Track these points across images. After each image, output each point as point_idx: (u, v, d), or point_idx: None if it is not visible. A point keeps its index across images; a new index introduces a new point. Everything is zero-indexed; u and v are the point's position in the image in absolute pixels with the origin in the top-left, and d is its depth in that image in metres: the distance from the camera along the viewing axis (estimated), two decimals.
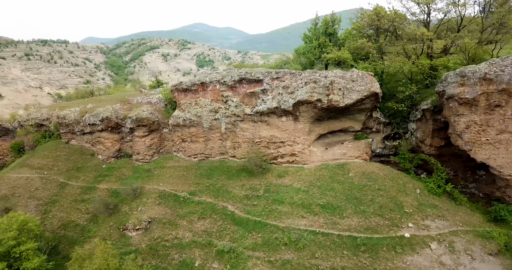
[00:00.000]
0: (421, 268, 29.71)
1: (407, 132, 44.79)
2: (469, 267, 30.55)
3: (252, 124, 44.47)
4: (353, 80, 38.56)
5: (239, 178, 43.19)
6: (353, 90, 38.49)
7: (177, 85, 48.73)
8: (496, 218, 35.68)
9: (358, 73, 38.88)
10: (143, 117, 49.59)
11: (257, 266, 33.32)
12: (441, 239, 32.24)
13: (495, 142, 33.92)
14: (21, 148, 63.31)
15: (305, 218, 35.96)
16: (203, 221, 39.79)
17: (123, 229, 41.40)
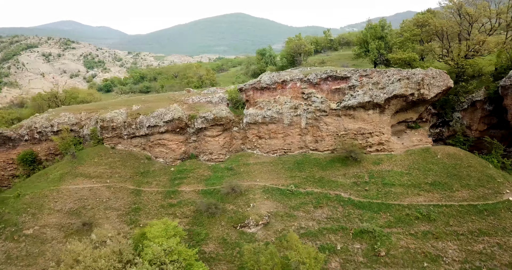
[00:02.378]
0: None
1: (452, 120, 53.94)
2: None
3: (335, 118, 48.37)
4: (434, 77, 45.62)
5: (336, 169, 46.71)
6: (434, 85, 45.54)
7: (254, 84, 49.72)
8: None
9: (436, 71, 46.11)
10: (222, 116, 49.23)
11: (401, 240, 37.91)
12: None
13: None
14: (33, 159, 55.65)
15: (421, 196, 41.69)
16: (321, 209, 42.46)
17: (241, 227, 41.45)
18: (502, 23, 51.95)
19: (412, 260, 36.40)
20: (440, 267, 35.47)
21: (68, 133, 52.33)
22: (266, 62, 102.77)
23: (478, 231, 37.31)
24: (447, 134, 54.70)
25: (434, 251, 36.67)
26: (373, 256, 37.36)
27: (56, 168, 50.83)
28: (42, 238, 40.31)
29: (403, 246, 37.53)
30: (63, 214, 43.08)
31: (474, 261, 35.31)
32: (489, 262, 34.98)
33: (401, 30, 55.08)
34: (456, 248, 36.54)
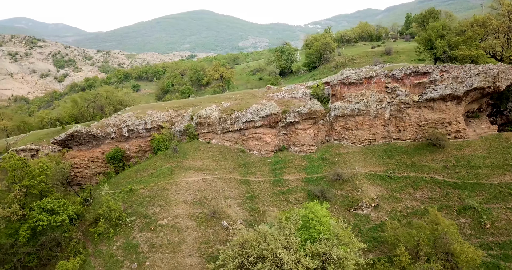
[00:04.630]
0: None
1: (506, 109, 60.57)
2: None
3: (416, 110, 53.81)
4: (504, 71, 51.84)
5: (423, 155, 52.17)
6: (505, 78, 51.79)
7: (343, 79, 54.39)
8: None
9: (505, 66, 52.35)
10: (316, 110, 53.62)
11: (501, 214, 44.07)
12: None
13: None
14: (121, 157, 58.11)
15: (507, 175, 47.88)
16: (421, 191, 47.96)
17: (355, 209, 46.32)
18: None
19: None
20: None
21: (168, 130, 55.19)
22: (286, 59, 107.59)
23: None
24: (500, 122, 61.30)
25: None
26: (479, 228, 43.27)
27: (157, 163, 53.69)
28: (178, 227, 43.56)
29: (505, 218, 43.61)
30: (188, 204, 46.40)
31: None
32: None
33: (456, 29, 61.35)
34: None
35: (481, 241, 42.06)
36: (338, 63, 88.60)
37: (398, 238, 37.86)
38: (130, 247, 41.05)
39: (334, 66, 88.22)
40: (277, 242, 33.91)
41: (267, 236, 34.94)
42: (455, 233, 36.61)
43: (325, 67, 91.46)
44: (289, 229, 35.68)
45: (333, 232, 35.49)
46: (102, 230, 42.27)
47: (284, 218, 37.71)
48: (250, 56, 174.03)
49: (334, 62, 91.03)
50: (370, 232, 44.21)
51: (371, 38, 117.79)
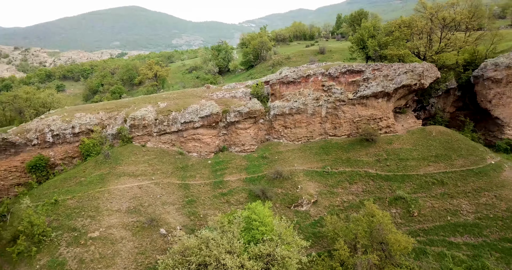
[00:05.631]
0: (509, 176, 50.32)
1: (428, 105, 65.70)
2: None
3: (351, 107, 56.09)
4: (427, 70, 55.99)
5: (357, 150, 54.53)
6: (429, 76, 55.97)
7: (282, 78, 54.71)
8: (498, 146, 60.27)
9: (428, 65, 56.52)
10: (256, 109, 53.32)
11: (427, 202, 47.44)
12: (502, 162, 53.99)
13: (505, 104, 58.16)
14: (45, 165, 53.21)
15: (430, 166, 51.72)
16: (356, 185, 50.07)
17: (295, 206, 46.97)
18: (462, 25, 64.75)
19: (438, 216, 46.08)
20: (460, 218, 45.72)
21: (99, 134, 51.26)
22: (223, 58, 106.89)
23: (479, 188, 48.46)
24: (423, 116, 66.42)
25: (453, 207, 46.86)
26: (408, 217, 46.24)
27: (86, 170, 49.78)
28: (111, 239, 40.66)
29: (429, 206, 47.08)
30: (122, 213, 43.55)
31: (482, 211, 46.22)
32: (492, 210, 46.15)
33: (385, 30, 65.18)
34: (467, 203, 47.19)
35: (410, 229, 45.00)
36: (275, 62, 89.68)
37: (337, 232, 39.01)
38: (56, 265, 37.34)
39: (271, 65, 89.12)
40: (220, 247, 32.98)
41: (209, 242, 33.86)
42: (389, 223, 38.56)
43: (262, 66, 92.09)
44: (232, 233, 34.97)
45: (276, 232, 35.47)
46: (23, 249, 37.82)
47: (227, 221, 36.90)
48: (185, 54, 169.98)
49: (271, 61, 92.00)
50: (310, 228, 45.14)
51: (305, 37, 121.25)
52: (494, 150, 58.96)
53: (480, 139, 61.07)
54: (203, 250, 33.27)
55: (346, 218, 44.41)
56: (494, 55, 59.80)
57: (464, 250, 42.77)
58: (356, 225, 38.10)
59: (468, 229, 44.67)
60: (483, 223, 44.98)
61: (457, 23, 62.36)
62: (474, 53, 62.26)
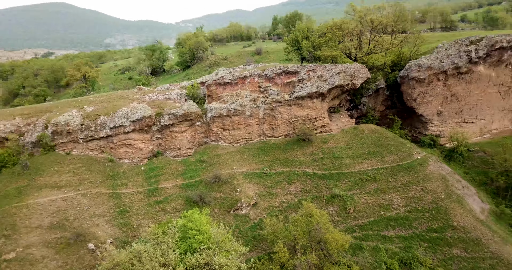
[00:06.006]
0: (433, 170, 53.94)
1: (360, 104, 68.47)
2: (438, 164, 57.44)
3: (287, 108, 56.41)
4: (358, 70, 58.14)
5: (295, 150, 54.92)
6: (360, 77, 58.14)
7: (218, 79, 53.26)
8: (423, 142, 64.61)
9: (359, 65, 58.72)
10: (192, 111, 51.26)
11: (361, 198, 49.09)
12: (427, 156, 57.69)
13: (428, 102, 62.40)
14: None
15: (364, 163, 53.68)
16: (294, 185, 50.36)
17: (234, 210, 45.94)
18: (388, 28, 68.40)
19: (372, 211, 47.89)
20: (392, 212, 47.93)
21: (15, 142, 45.79)
22: (158, 58, 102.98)
23: (408, 182, 51.25)
24: (356, 115, 69.12)
25: (385, 202, 48.99)
26: (345, 214, 47.47)
27: (1, 183, 44.30)
28: (30, 259, 36.46)
29: (364, 202, 48.76)
30: (44, 230, 39.29)
31: (411, 204, 48.89)
32: (419, 202, 49.01)
33: (318, 31, 66.82)
34: (398, 197, 49.64)
35: (347, 226, 46.21)
36: (212, 63, 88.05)
37: (277, 234, 38.65)
38: None
39: (208, 65, 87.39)
40: (153, 261, 30.94)
41: (141, 255, 31.59)
42: (326, 223, 39.05)
43: (199, 66, 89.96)
44: (167, 244, 33.00)
45: (214, 239, 34.12)
46: None
47: (161, 231, 34.74)
48: (118, 54, 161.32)
49: (208, 61, 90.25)
50: (250, 231, 44.40)
51: (242, 38, 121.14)
52: (419, 145, 62.96)
53: (408, 136, 64.92)
54: (135, 265, 30.99)
55: (286, 219, 44.37)
56: (417, 57, 63.82)
57: (397, 242, 44.83)
58: (295, 226, 38.04)
59: (399, 222, 46.94)
60: (412, 216, 47.56)
61: (384, 26, 65.71)
62: (399, 54, 66.01)
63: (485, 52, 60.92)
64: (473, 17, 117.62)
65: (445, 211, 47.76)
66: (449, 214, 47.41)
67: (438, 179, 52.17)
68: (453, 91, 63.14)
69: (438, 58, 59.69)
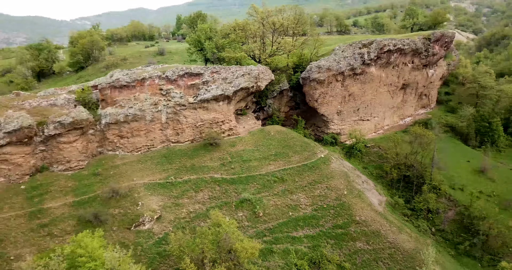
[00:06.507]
0: (336, 168, 56.31)
1: (266, 105, 68.83)
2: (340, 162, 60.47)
3: (192, 111, 53.69)
4: (263, 72, 58.00)
5: (202, 155, 52.44)
6: (264, 79, 58.05)
7: (113, 82, 48.02)
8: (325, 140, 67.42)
9: (263, 67, 58.60)
10: (83, 118, 45.24)
11: (270, 200, 48.86)
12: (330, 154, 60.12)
13: (328, 102, 65.24)
14: None
15: (271, 165, 53.58)
16: (202, 192, 47.98)
17: (136, 226, 41.80)
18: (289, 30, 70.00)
19: (281, 213, 47.90)
20: (299, 212, 48.52)
21: None
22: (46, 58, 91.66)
23: (313, 181, 52.56)
24: (263, 116, 69.43)
25: (293, 202, 49.44)
26: (255, 218, 46.62)
27: None
28: None
29: (273, 204, 48.54)
30: None
31: (317, 202, 50.15)
32: (325, 200, 50.54)
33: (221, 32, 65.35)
34: (305, 196, 50.53)
35: (257, 230, 45.37)
36: (110, 64, 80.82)
37: (183, 249, 35.71)
38: None
39: (105, 66, 79.97)
40: None
41: None
42: (235, 231, 37.42)
43: (95, 67, 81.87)
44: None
45: (109, 265, 29.99)
46: None
47: (42, 263, 29.39)
48: None
49: (105, 62, 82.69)
50: (154, 247, 40.70)
51: (145, 37, 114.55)
52: (322, 144, 65.61)
53: (311, 135, 67.24)
54: None
55: (194, 230, 41.67)
56: (317, 58, 66.36)
57: (305, 242, 45.34)
58: (202, 238, 35.64)
59: (307, 221, 47.65)
60: (319, 214, 48.74)
61: (285, 28, 67.02)
62: (301, 56, 67.97)
63: (375, 54, 65.83)
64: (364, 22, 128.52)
65: (348, 207, 49.98)
66: (351, 209, 49.69)
67: (340, 176, 54.54)
68: (350, 91, 67.11)
69: (336, 60, 62.69)
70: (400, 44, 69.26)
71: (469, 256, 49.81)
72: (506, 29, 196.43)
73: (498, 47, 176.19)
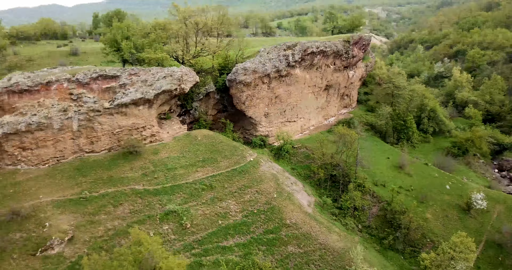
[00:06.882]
0: (265, 171, 55.57)
1: (192, 108, 65.93)
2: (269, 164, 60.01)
3: (109, 117, 48.91)
4: (186, 74, 55.10)
5: (121, 165, 47.95)
6: (188, 81, 55.19)
7: (11, 86, 41.46)
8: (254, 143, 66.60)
9: (187, 69, 55.67)
10: None
11: (198, 210, 46.38)
12: (259, 157, 59.19)
13: (256, 104, 64.45)
14: None
15: (199, 172, 50.99)
16: (122, 206, 43.77)
17: (42, 251, 36.51)
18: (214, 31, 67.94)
19: (210, 222, 45.66)
20: (229, 219, 46.73)
21: None
22: None
23: (243, 186, 51.15)
24: (189, 120, 66.44)
25: (222, 210, 47.48)
26: (182, 230, 43.75)
27: None
28: None
29: (201, 214, 46.09)
30: None
31: (247, 208, 48.81)
32: (255, 205, 49.43)
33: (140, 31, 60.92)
34: (235, 203, 48.87)
35: (185, 243, 42.56)
36: (13, 65, 70.99)
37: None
38: None
39: (7, 68, 69.95)
40: None
41: None
42: (159, 248, 34.26)
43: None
44: None
45: None
46: None
47: None
48: None
49: (7, 63, 72.46)
50: None
51: (57, 36, 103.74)
52: (251, 146, 64.70)
53: (240, 138, 65.95)
54: None
55: (111, 250, 37.57)
56: (243, 60, 65.19)
57: (236, 251, 43.64)
58: (121, 260, 31.94)
59: (237, 229, 45.99)
60: (249, 220, 47.40)
61: (209, 28, 64.80)
62: (226, 58, 66.21)
63: (300, 56, 66.66)
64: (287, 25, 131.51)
65: (279, 210, 49.44)
66: (282, 212, 49.22)
67: (270, 179, 53.94)
68: (276, 93, 67.11)
69: (261, 62, 62.07)
70: (322, 46, 71.16)
71: (393, 250, 52.33)
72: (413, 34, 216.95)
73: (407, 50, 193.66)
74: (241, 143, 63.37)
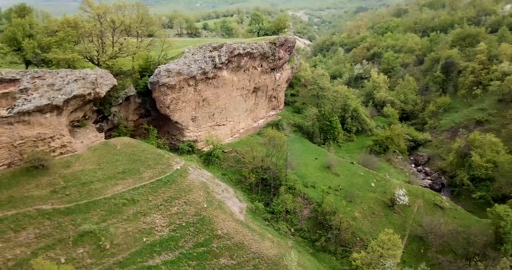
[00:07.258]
0: (194, 179, 52.57)
1: (110, 114, 60.23)
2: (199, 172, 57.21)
3: (7, 127, 41.89)
4: (102, 77, 49.74)
5: (24, 183, 41.43)
6: (104, 84, 49.85)
7: None
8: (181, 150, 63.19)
9: (103, 71, 50.19)
10: None
11: (119, 228, 41.95)
12: (186, 165, 55.91)
13: (181, 108, 60.99)
14: None
15: (119, 185, 46.21)
16: (25, 231, 37.83)
17: None
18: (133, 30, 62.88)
19: (133, 240, 41.57)
20: (155, 236, 43.04)
21: None
22: None
23: (170, 198, 47.58)
24: (107, 127, 60.63)
25: (147, 225, 43.55)
26: (100, 252, 39.09)
27: None
28: None
29: (122, 232, 41.73)
30: None
31: (175, 221, 45.46)
32: (183, 218, 46.25)
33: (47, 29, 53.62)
34: (161, 217, 45.20)
35: (103, 267, 37.98)
36: None
37: None
38: None
39: None
40: None
41: None
42: None
43: None
44: None
45: None
46: None
47: None
48: None
49: None
50: None
51: None
52: (179, 153, 61.21)
53: (166, 145, 62.08)
54: None
55: None
56: (166, 61, 61.18)
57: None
58: None
59: (164, 245, 42.48)
60: (178, 234, 44.16)
61: (128, 27, 59.76)
62: (148, 59, 61.57)
63: (226, 58, 64.66)
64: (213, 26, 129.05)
65: (209, 221, 46.91)
66: (213, 223, 46.77)
67: (199, 188, 51.13)
68: (204, 96, 64.38)
69: (186, 63, 58.82)
70: (249, 48, 70.00)
71: (325, 251, 52.87)
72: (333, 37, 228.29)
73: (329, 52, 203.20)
74: (167, 150, 59.57)
